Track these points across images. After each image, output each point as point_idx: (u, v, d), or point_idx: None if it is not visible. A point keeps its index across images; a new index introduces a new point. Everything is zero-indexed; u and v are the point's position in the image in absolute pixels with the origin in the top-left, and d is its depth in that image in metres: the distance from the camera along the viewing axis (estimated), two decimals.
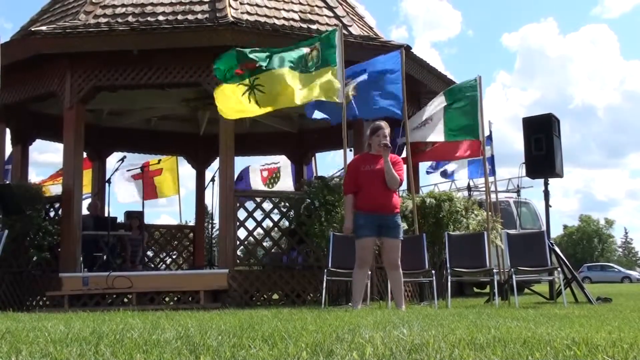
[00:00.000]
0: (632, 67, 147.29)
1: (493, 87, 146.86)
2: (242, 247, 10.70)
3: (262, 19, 10.56)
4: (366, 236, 7.15)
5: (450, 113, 10.61)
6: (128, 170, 16.10)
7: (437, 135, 10.70)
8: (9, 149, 12.79)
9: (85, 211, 12.02)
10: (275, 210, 10.45)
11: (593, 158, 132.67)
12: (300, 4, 11.35)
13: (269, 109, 9.25)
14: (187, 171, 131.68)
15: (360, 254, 7.19)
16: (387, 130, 7.26)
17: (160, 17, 10.50)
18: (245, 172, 17.08)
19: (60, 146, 11.36)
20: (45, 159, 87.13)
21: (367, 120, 9.87)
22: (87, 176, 14.35)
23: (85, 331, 3.88)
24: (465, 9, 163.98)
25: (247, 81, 9.05)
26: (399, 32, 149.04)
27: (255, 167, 17.28)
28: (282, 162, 16.91)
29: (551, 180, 10.31)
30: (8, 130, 12.28)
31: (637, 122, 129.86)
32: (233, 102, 9.13)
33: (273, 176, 16.98)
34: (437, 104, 10.73)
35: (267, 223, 10.91)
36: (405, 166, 10.97)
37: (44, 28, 10.46)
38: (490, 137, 13.03)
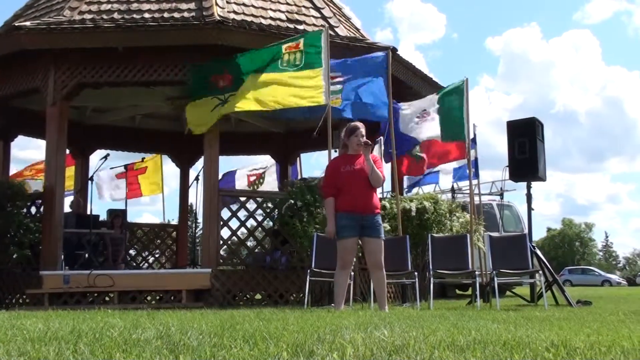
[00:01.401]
0: (613, 72, 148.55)
1: (476, 91, 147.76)
2: (225, 246, 10.67)
3: (249, 19, 10.54)
4: (348, 237, 7.09)
5: (441, 115, 10.70)
6: (112, 169, 16.04)
7: (435, 133, 10.76)
8: None
9: (67, 208, 11.94)
10: (259, 211, 10.44)
11: (574, 162, 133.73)
12: (287, 4, 11.34)
13: (231, 110, 9.40)
14: (170, 170, 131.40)
15: (342, 254, 7.14)
16: (364, 130, 7.25)
17: (146, 15, 10.45)
18: (231, 175, 17.06)
19: (41, 143, 11.29)
20: (27, 155, 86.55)
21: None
22: (70, 173, 14.27)
23: (64, 330, 3.85)
24: (450, 12, 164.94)
25: (222, 96, 9.24)
26: (383, 34, 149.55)
27: (243, 172, 17.24)
28: (268, 164, 16.87)
29: (533, 184, 10.38)
30: None
31: (618, 128, 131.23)
32: (202, 112, 9.33)
33: (259, 179, 16.95)
34: (432, 102, 10.79)
35: (251, 223, 10.90)
36: (386, 166, 11.06)
37: (27, 23, 10.37)
38: (474, 140, 13.08)
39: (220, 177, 11.66)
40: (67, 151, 12.10)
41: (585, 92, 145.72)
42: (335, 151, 10.40)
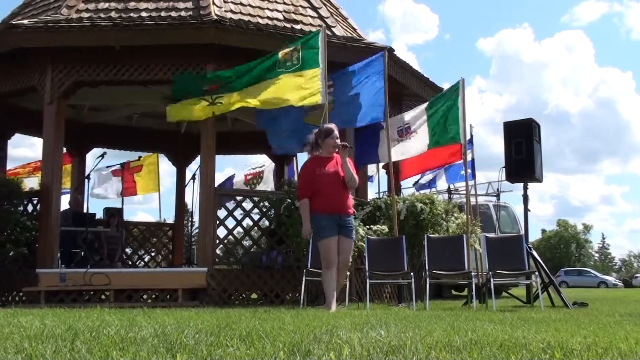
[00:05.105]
0: (606, 73, 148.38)
1: (469, 91, 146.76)
2: (221, 245, 10.66)
3: (246, 18, 10.54)
4: (330, 236, 7.23)
5: (432, 120, 10.70)
6: (108, 167, 16.03)
7: (421, 146, 10.80)
8: None
9: (65, 206, 11.93)
10: (256, 210, 10.43)
11: (568, 163, 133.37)
12: (285, 3, 11.33)
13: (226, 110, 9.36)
14: (165, 168, 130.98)
15: (326, 254, 7.26)
16: (337, 132, 7.40)
17: (144, 14, 10.44)
18: (230, 180, 17.14)
19: (35, 141, 11.46)
20: (20, 153, 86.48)
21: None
22: (67, 172, 14.25)
23: (61, 328, 3.85)
24: (443, 13, 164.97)
25: (210, 98, 9.19)
26: (376, 35, 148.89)
27: (240, 174, 17.31)
28: (267, 165, 16.91)
29: (529, 185, 10.35)
30: None
31: (611, 129, 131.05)
32: (187, 108, 9.28)
33: (257, 177, 16.96)
34: (417, 115, 10.85)
35: (247, 222, 10.89)
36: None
37: (25, 22, 10.35)
38: (471, 141, 13.08)
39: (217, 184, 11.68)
40: (64, 149, 12.09)
41: (578, 93, 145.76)
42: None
